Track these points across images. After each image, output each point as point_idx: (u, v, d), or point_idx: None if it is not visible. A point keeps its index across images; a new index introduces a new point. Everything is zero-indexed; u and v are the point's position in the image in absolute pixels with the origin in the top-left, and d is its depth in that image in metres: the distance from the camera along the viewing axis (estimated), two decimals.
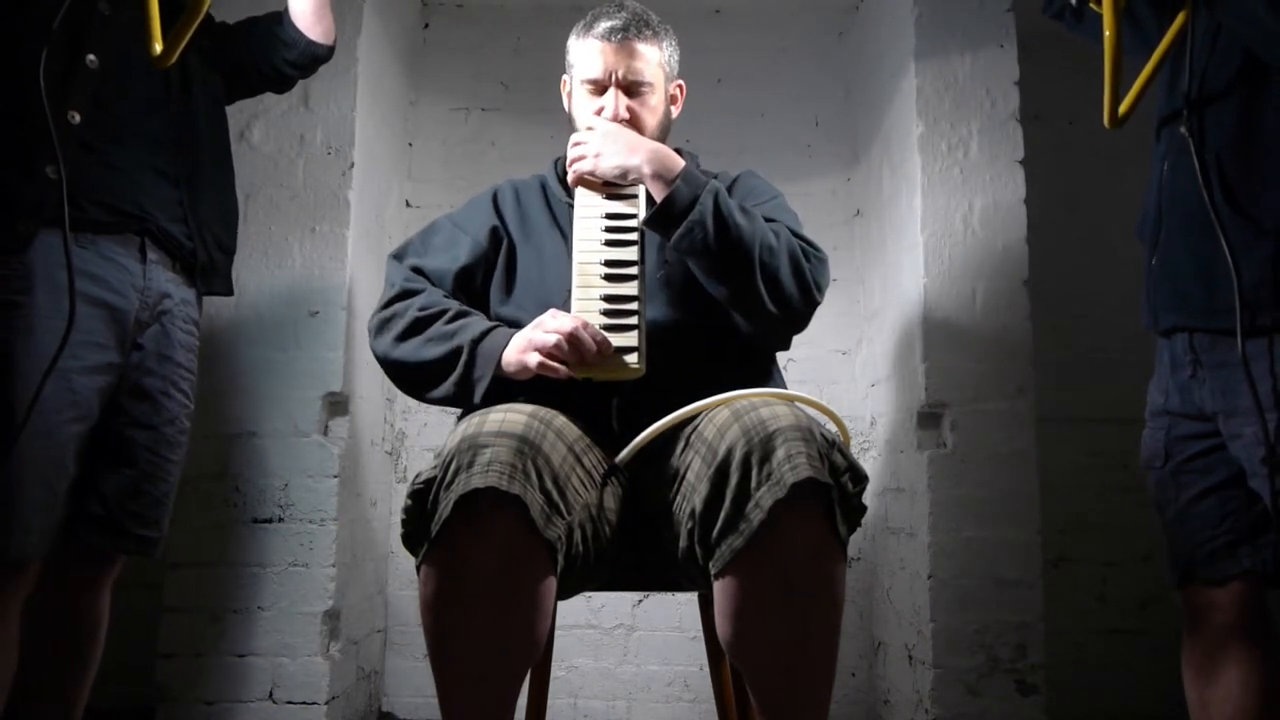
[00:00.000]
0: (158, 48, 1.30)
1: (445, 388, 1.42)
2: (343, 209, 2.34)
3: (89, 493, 1.42)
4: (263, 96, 1.99)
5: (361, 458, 2.45)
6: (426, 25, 3.02)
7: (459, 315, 1.46)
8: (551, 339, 1.32)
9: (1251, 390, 1.26)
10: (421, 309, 1.47)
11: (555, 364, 1.33)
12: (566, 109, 1.63)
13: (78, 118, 1.41)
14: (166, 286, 1.52)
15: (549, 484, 1.18)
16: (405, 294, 1.51)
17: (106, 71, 1.46)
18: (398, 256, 1.60)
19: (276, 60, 1.78)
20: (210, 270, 1.62)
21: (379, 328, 1.50)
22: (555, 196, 1.61)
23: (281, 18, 1.77)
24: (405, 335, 1.46)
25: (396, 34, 2.77)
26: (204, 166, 1.60)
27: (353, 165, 2.36)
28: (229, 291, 1.70)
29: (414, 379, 1.47)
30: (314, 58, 1.81)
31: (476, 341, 1.40)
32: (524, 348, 1.35)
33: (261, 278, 2.30)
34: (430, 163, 2.95)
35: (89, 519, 1.42)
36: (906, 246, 2.48)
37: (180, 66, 1.54)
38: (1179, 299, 1.38)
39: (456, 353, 1.40)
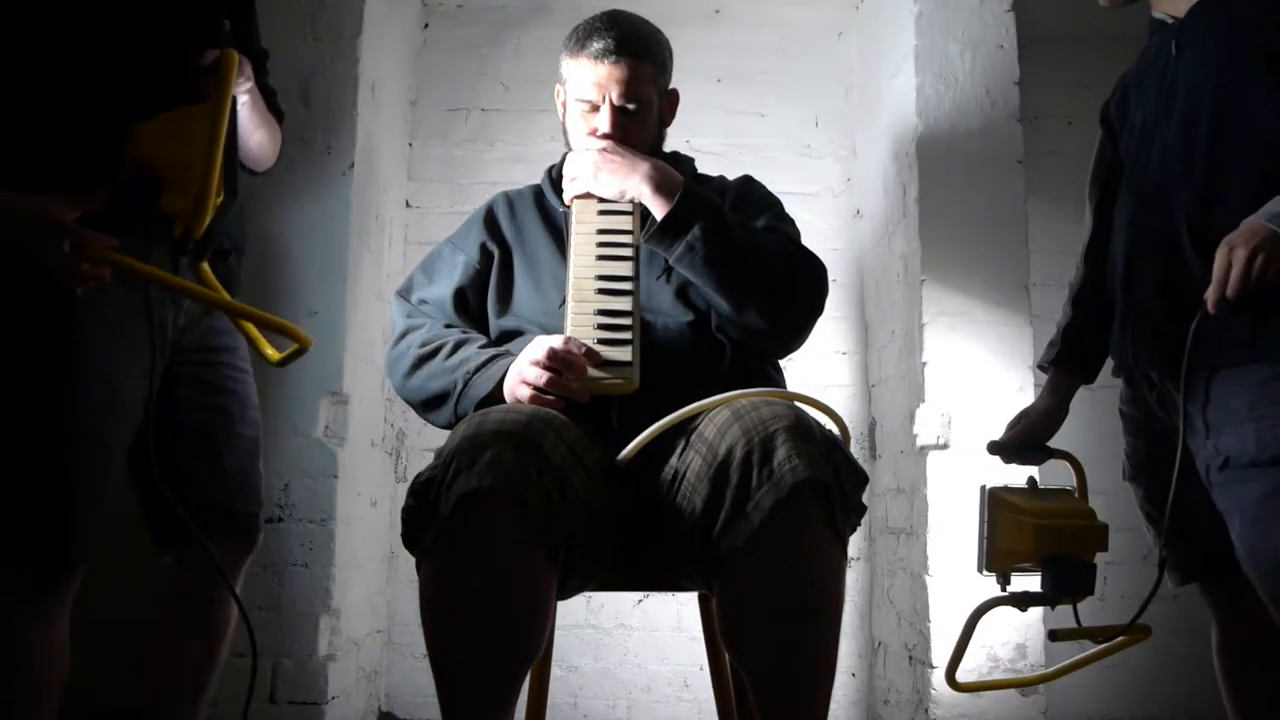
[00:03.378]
0: (271, 354, 1.37)
1: (446, 418, 1.47)
2: (343, 209, 2.34)
3: (190, 489, 1.43)
4: None
5: (361, 458, 2.45)
6: (426, 25, 3.02)
7: (457, 348, 1.48)
8: (535, 373, 1.34)
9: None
10: (422, 345, 1.51)
11: (550, 397, 1.34)
12: (560, 118, 1.63)
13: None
14: None
15: (549, 483, 1.18)
16: (408, 331, 1.56)
17: None
18: (403, 293, 1.63)
19: None
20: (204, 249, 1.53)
21: (389, 369, 1.57)
22: (551, 204, 1.61)
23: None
24: (410, 373, 1.51)
25: (396, 34, 2.76)
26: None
27: (353, 165, 2.35)
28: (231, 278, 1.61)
29: (424, 414, 1.53)
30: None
31: (471, 375, 1.43)
32: (517, 384, 1.37)
33: (261, 277, 2.29)
34: (430, 163, 2.95)
35: (201, 517, 1.41)
36: (906, 246, 2.48)
37: None
38: (1152, 340, 1.44)
39: (452, 388, 1.45)
